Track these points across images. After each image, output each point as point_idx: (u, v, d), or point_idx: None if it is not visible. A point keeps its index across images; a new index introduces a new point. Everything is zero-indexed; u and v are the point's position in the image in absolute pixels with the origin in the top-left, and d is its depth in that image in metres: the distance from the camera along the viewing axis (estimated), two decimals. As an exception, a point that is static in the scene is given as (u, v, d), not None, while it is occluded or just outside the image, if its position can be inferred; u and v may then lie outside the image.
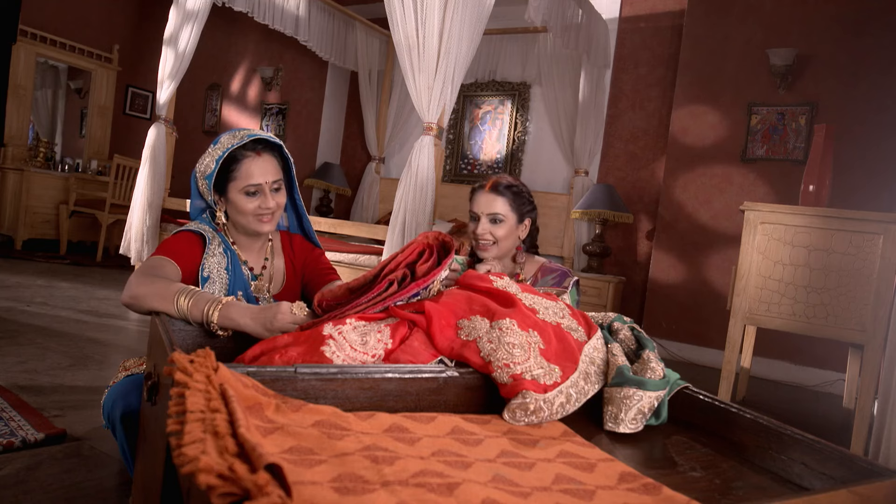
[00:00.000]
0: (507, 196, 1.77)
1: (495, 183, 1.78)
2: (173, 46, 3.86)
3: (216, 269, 1.40)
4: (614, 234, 4.63)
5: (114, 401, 1.29)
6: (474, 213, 1.79)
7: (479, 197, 1.79)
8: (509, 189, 1.78)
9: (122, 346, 2.79)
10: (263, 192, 1.41)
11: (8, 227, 5.73)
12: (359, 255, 3.48)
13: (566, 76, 4.79)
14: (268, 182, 1.41)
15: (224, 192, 1.42)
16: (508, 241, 1.79)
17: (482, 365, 0.97)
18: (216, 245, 1.42)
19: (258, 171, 1.40)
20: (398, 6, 2.82)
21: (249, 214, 1.41)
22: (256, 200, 1.41)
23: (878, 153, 3.57)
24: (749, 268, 2.45)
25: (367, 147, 6.04)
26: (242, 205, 1.40)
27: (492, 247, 1.77)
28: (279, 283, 1.55)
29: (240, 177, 1.39)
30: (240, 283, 1.43)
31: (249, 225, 1.43)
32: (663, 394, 1.01)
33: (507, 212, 1.76)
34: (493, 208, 1.75)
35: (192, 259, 1.38)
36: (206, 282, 1.37)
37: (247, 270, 1.48)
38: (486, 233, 1.75)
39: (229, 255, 1.44)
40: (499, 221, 1.76)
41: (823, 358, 3.64)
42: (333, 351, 0.97)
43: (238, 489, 0.48)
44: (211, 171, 1.39)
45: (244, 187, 1.39)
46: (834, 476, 0.81)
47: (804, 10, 3.84)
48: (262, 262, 1.53)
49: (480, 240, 1.77)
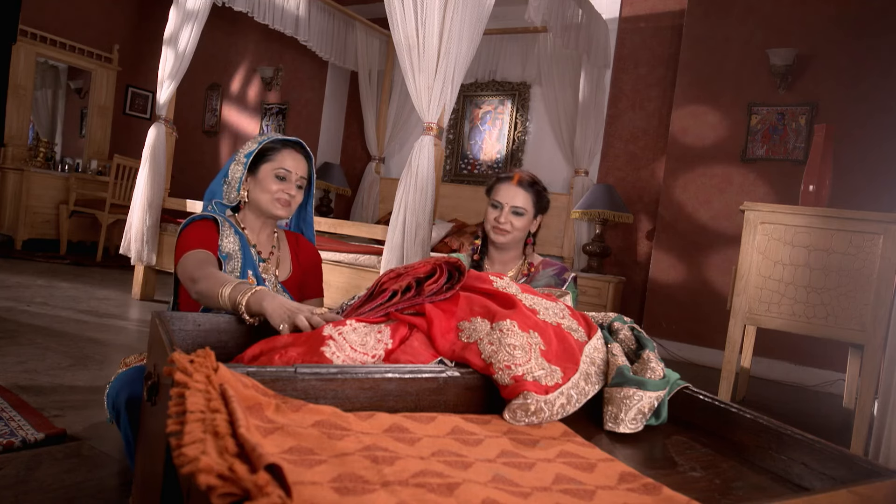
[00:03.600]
0: (531, 192, 1.90)
1: (521, 178, 1.91)
2: (173, 46, 3.86)
3: (232, 248, 1.52)
4: (614, 234, 4.63)
5: (119, 388, 1.34)
6: (498, 201, 1.90)
7: (506, 188, 1.90)
8: (533, 187, 1.91)
9: (122, 345, 2.79)
10: (290, 180, 1.59)
11: (8, 227, 5.73)
12: (359, 255, 3.48)
13: (566, 76, 4.79)
14: (297, 174, 1.60)
15: (255, 171, 1.58)
16: (522, 232, 1.92)
17: (483, 367, 0.97)
18: (227, 228, 1.55)
19: (292, 161, 1.59)
20: (398, 6, 2.81)
21: (272, 194, 1.57)
22: (282, 185, 1.57)
23: (879, 153, 3.57)
24: (749, 268, 2.45)
25: (367, 147, 6.03)
26: (268, 184, 1.57)
27: (508, 234, 1.89)
28: (286, 270, 1.66)
29: (276, 159, 1.58)
30: (249, 263, 1.53)
31: (269, 205, 1.57)
32: (663, 394, 1.01)
33: (529, 207, 1.89)
34: (517, 202, 1.87)
35: (214, 243, 1.51)
36: (227, 259, 1.49)
37: (255, 253, 1.58)
38: (508, 222, 1.87)
39: (239, 237, 1.55)
40: (520, 214, 1.88)
41: (823, 358, 3.64)
42: (333, 351, 0.96)
43: (238, 489, 0.48)
44: (252, 149, 1.58)
45: (276, 169, 1.57)
46: (834, 476, 0.81)
47: (804, 10, 3.84)
48: (269, 249, 1.65)
49: (501, 226, 1.87)
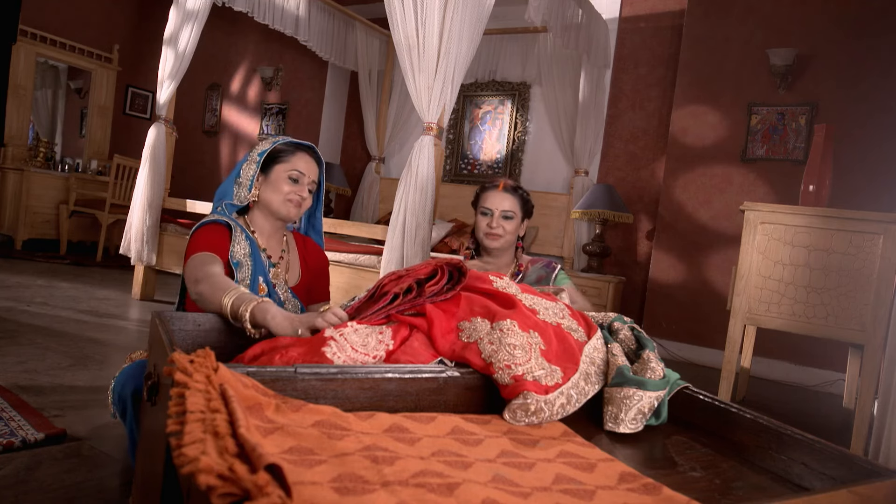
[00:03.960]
0: (516, 197, 2.00)
1: (506, 184, 2.02)
2: (173, 46, 3.86)
3: (243, 256, 1.50)
4: (614, 234, 4.63)
5: (124, 382, 1.35)
6: (487, 208, 1.99)
7: (494, 195, 1.99)
8: (516, 191, 2.02)
9: (122, 346, 2.79)
10: (302, 183, 1.59)
11: (8, 227, 5.73)
12: (359, 255, 3.48)
13: (566, 76, 4.79)
14: (309, 178, 1.60)
15: (267, 172, 1.58)
16: (513, 235, 2.00)
17: (483, 366, 0.97)
18: (239, 233, 1.53)
19: (305, 165, 1.59)
20: (398, 6, 2.81)
21: (283, 195, 1.56)
22: (294, 187, 1.57)
23: (879, 153, 3.57)
24: (749, 268, 2.45)
25: (367, 147, 6.03)
26: (281, 185, 1.56)
27: (500, 238, 1.97)
28: (295, 275, 1.65)
29: (289, 161, 1.58)
30: (259, 269, 1.52)
31: (280, 207, 1.56)
32: (663, 394, 1.01)
33: (517, 210, 1.99)
34: (506, 206, 1.97)
35: (225, 249, 1.49)
36: (238, 267, 1.47)
37: (265, 258, 1.57)
38: (500, 227, 1.96)
39: (249, 242, 1.54)
40: (510, 218, 1.98)
41: (823, 358, 3.64)
42: (334, 352, 0.96)
43: (238, 489, 0.48)
44: (265, 149, 1.57)
45: (289, 170, 1.57)
46: (834, 476, 0.81)
47: (804, 10, 3.84)
48: (279, 253, 1.64)
49: (494, 231, 1.96)
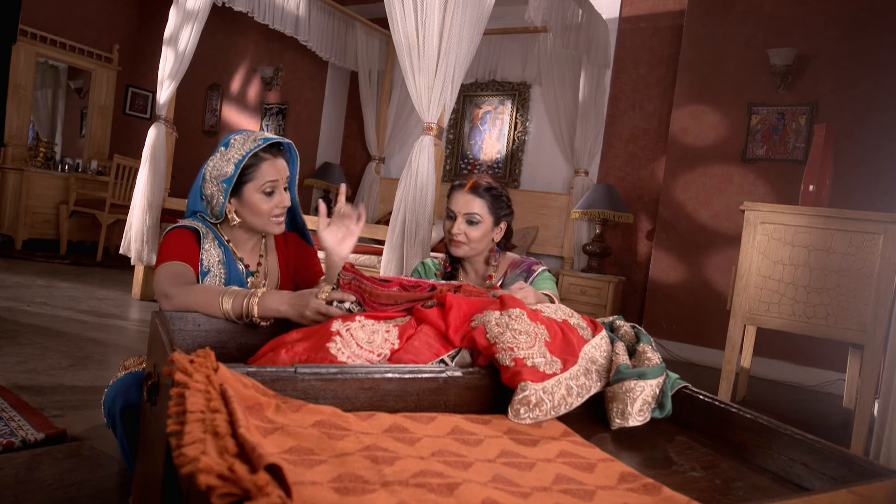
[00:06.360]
0: (485, 198, 1.74)
1: (475, 184, 1.76)
2: (173, 46, 3.86)
3: (214, 263, 1.43)
4: (614, 234, 4.63)
5: (114, 396, 1.32)
6: (451, 210, 1.76)
7: (458, 196, 1.76)
8: (488, 192, 1.75)
9: (122, 346, 2.79)
10: (279, 189, 1.45)
11: (8, 227, 5.73)
12: (359, 255, 3.48)
13: (566, 76, 4.79)
14: (282, 178, 1.45)
15: (238, 193, 1.44)
16: (482, 243, 1.76)
17: (487, 346, 0.98)
18: (209, 240, 1.45)
19: (273, 170, 1.44)
20: (398, 6, 2.81)
21: (266, 215, 1.44)
22: (273, 200, 1.44)
23: (879, 153, 3.57)
24: (749, 268, 2.45)
25: (367, 147, 6.03)
26: (259, 205, 1.43)
27: (463, 246, 1.75)
28: (274, 280, 1.58)
29: (257, 176, 1.42)
30: (235, 279, 1.45)
31: (265, 226, 1.46)
32: (663, 379, 1.02)
33: (485, 214, 1.74)
34: (471, 208, 1.73)
35: (194, 256, 1.41)
36: (207, 275, 1.41)
37: (242, 266, 1.50)
38: (461, 233, 1.73)
39: (224, 250, 1.47)
40: (475, 223, 1.73)
41: (823, 358, 3.64)
42: (339, 348, 0.97)
43: (238, 489, 0.48)
44: (230, 175, 1.40)
45: (262, 186, 1.42)
46: (834, 476, 0.81)
47: (804, 10, 3.84)
48: (257, 259, 1.55)
49: (455, 238, 1.75)
